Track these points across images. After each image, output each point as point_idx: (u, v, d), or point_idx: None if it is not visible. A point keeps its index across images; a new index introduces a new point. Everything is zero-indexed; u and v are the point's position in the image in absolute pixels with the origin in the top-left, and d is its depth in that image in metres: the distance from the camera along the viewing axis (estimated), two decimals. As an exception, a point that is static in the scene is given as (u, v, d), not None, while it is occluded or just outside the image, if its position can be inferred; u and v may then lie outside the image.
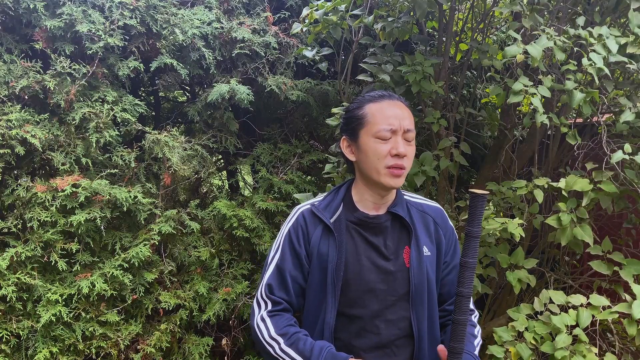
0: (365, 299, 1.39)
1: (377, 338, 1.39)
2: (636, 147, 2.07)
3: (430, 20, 2.96)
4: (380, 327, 1.38)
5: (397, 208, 1.43)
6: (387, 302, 1.39)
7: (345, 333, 1.39)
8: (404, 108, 1.40)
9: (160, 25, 2.55)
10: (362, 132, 1.38)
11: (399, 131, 1.35)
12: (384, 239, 1.41)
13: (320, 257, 1.40)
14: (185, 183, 2.86)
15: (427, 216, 1.48)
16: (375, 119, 1.37)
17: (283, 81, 2.77)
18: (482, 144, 3.30)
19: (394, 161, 1.34)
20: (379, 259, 1.40)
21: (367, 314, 1.38)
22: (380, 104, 1.39)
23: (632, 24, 2.01)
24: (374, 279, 1.38)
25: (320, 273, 1.40)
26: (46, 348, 2.23)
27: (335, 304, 1.37)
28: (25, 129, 2.27)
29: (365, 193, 1.43)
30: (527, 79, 2.04)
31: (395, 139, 1.35)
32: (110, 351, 2.37)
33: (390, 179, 1.35)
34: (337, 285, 1.37)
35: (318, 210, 1.44)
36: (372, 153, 1.36)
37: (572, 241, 2.02)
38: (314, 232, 1.42)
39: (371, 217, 1.42)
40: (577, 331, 1.89)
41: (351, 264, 1.39)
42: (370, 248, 1.41)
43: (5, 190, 2.34)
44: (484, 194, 1.23)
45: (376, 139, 1.35)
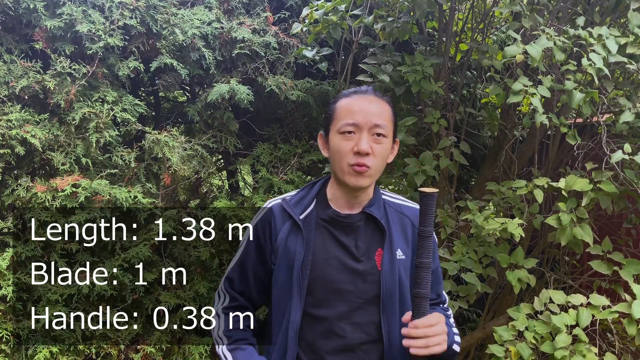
0: (331, 300, 1.33)
1: (342, 341, 1.33)
2: (636, 147, 2.07)
3: (430, 20, 2.96)
4: (346, 330, 1.33)
5: (372, 208, 1.37)
6: (354, 304, 1.33)
7: (310, 334, 1.34)
8: (377, 102, 1.33)
9: (160, 25, 2.55)
10: (331, 127, 1.34)
11: (364, 127, 1.28)
12: (355, 239, 1.35)
13: (287, 254, 1.35)
14: (185, 183, 2.86)
15: (405, 218, 1.42)
16: (341, 114, 1.31)
17: (283, 81, 2.77)
18: (482, 144, 3.30)
19: (355, 159, 1.27)
20: (348, 259, 1.34)
21: (333, 315, 1.33)
22: (350, 99, 1.33)
23: (632, 24, 2.01)
24: (342, 279, 1.33)
25: (287, 271, 1.35)
26: (46, 348, 2.23)
27: (300, 303, 1.32)
28: (25, 129, 2.27)
29: (338, 191, 1.37)
30: (526, 79, 2.04)
31: (360, 135, 1.28)
32: (110, 351, 2.37)
33: (352, 178, 1.29)
34: (303, 284, 1.32)
35: (288, 205, 1.39)
36: (335, 150, 1.31)
37: (572, 241, 2.02)
38: (281, 227, 1.37)
39: (343, 215, 1.36)
40: (577, 331, 1.89)
41: (318, 263, 1.33)
42: (339, 247, 1.35)
43: (5, 190, 2.34)
44: (433, 193, 1.21)
45: (340, 135, 1.30)
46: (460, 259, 2.25)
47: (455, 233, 2.49)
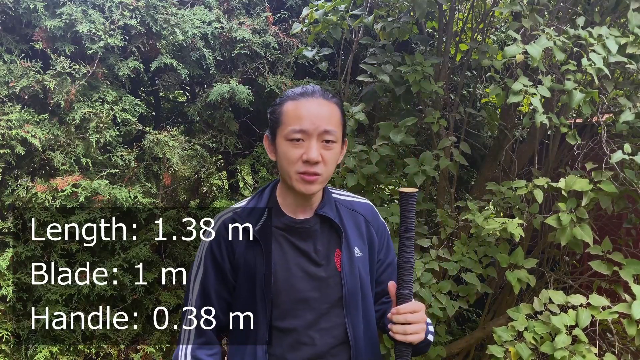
0: (298, 310, 1.29)
1: (312, 349, 1.29)
2: (636, 147, 2.07)
3: (430, 20, 2.96)
4: (315, 338, 1.29)
5: (325, 209, 1.33)
6: (321, 310, 1.30)
7: (278, 348, 1.29)
8: (326, 105, 1.26)
9: (160, 25, 2.55)
10: (278, 132, 1.27)
11: (312, 134, 1.22)
12: (313, 244, 1.31)
13: (247, 268, 1.29)
14: (185, 183, 2.87)
15: (357, 215, 1.39)
16: (288, 119, 1.24)
17: (283, 81, 2.77)
18: (482, 144, 3.30)
19: (304, 168, 1.22)
20: (310, 265, 1.30)
21: (301, 325, 1.29)
22: (297, 103, 1.26)
23: (632, 24, 2.01)
24: (306, 287, 1.29)
25: (248, 286, 1.29)
26: (46, 348, 2.24)
27: (266, 320, 1.27)
28: (25, 129, 2.27)
29: (288, 196, 1.32)
30: (526, 79, 2.04)
31: (309, 143, 1.22)
32: (110, 351, 2.37)
33: (302, 186, 1.24)
34: (267, 298, 1.27)
35: (241, 217, 1.33)
36: (284, 157, 1.25)
37: (572, 241, 2.02)
38: (237, 242, 1.31)
39: (298, 221, 1.31)
40: (577, 331, 1.89)
41: (280, 274, 1.28)
42: (299, 255, 1.30)
43: (5, 190, 2.34)
44: (413, 192, 1.20)
45: (287, 142, 1.24)
46: (460, 259, 2.25)
47: (455, 233, 2.49)
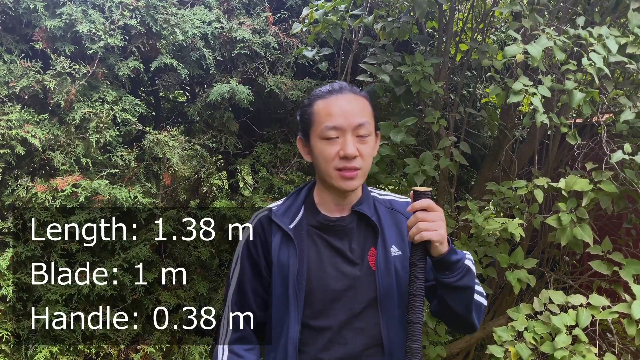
0: (330, 309, 1.29)
1: (344, 349, 1.28)
2: (636, 147, 2.07)
3: (430, 20, 2.96)
4: (348, 338, 1.28)
5: (362, 206, 1.33)
6: (354, 310, 1.29)
7: (311, 347, 1.29)
8: (356, 101, 1.27)
9: (160, 25, 2.55)
10: (311, 132, 1.28)
11: (347, 129, 1.23)
12: (349, 243, 1.31)
13: (281, 266, 1.30)
14: (185, 183, 2.87)
15: (396, 213, 1.37)
16: (320, 117, 1.25)
17: (283, 81, 2.77)
18: (482, 144, 3.30)
19: (342, 164, 1.23)
20: (344, 264, 1.30)
21: (334, 324, 1.28)
22: (327, 101, 1.27)
23: (632, 24, 2.01)
24: (340, 286, 1.28)
25: (282, 284, 1.30)
26: (46, 348, 2.24)
27: (298, 317, 1.28)
28: (25, 129, 2.27)
29: (326, 195, 1.33)
30: (527, 79, 2.04)
31: (344, 139, 1.23)
32: (110, 351, 2.37)
33: (342, 182, 1.25)
34: (300, 297, 1.27)
35: (276, 216, 1.34)
36: (320, 156, 1.26)
37: (572, 241, 2.02)
38: (272, 240, 1.32)
39: (334, 219, 1.32)
40: (577, 331, 1.89)
41: (314, 272, 1.29)
42: (334, 253, 1.30)
43: (5, 190, 2.34)
44: (427, 191, 1.20)
45: (322, 140, 1.25)
46: (460, 259, 2.24)
47: (455, 233, 2.49)
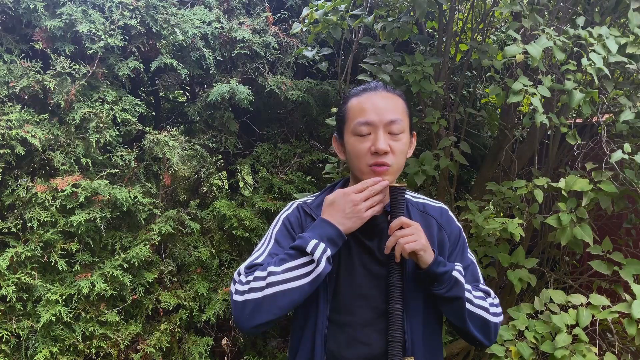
0: (355, 306, 1.29)
1: (368, 349, 1.27)
2: (636, 147, 2.07)
3: (430, 20, 2.96)
4: (372, 337, 1.27)
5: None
6: (379, 310, 1.28)
7: (334, 343, 1.29)
8: (389, 98, 1.28)
9: (160, 25, 2.55)
10: (345, 129, 1.30)
11: (378, 125, 1.24)
12: (378, 242, 1.31)
13: None
14: (185, 183, 2.87)
15: (429, 217, 1.37)
16: (353, 114, 1.27)
17: (283, 81, 2.78)
18: (482, 144, 3.30)
19: (374, 159, 1.24)
20: (373, 263, 1.30)
21: (358, 321, 1.28)
22: (359, 98, 1.29)
23: (632, 24, 2.01)
24: (367, 284, 1.29)
25: None
26: (46, 348, 2.23)
27: (327, 310, 1.28)
28: (25, 129, 2.27)
29: None
30: (526, 79, 2.04)
31: (375, 135, 1.24)
32: (110, 351, 2.37)
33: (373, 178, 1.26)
34: (329, 290, 1.28)
35: (310, 208, 1.36)
36: (352, 152, 1.27)
37: (572, 241, 2.02)
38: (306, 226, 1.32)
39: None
40: (577, 330, 1.89)
41: (343, 268, 1.30)
42: (363, 251, 1.31)
43: (5, 190, 2.34)
44: (402, 187, 1.24)
45: (355, 136, 1.26)
46: (461, 259, 2.24)
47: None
